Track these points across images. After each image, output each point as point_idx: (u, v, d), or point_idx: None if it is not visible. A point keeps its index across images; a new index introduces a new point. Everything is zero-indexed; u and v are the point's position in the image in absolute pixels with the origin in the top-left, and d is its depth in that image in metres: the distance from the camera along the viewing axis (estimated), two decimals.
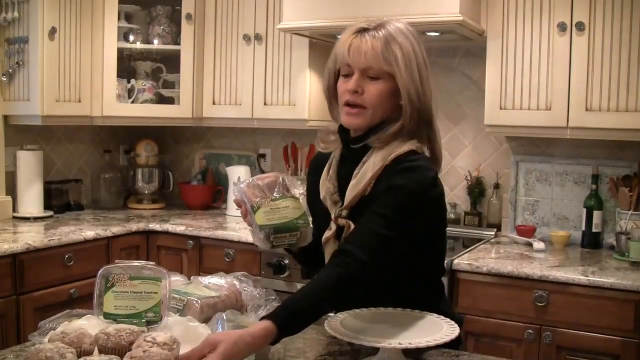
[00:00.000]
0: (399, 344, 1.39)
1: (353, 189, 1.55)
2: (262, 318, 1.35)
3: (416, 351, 1.51)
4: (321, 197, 1.64)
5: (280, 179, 1.61)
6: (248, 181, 1.60)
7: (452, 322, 1.53)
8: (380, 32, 1.53)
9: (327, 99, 1.68)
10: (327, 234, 1.59)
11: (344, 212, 1.57)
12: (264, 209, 1.55)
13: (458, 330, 1.48)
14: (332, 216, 1.59)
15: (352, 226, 1.52)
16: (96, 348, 1.33)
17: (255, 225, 1.55)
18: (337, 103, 1.63)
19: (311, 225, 1.62)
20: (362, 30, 1.55)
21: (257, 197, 1.57)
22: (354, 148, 1.60)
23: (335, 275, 1.43)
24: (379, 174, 1.54)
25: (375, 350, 1.47)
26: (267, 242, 1.56)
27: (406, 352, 1.46)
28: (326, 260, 1.60)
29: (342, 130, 1.64)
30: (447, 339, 1.43)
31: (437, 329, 1.49)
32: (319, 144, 1.72)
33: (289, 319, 1.35)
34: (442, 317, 1.56)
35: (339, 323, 1.51)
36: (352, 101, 1.54)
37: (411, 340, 1.41)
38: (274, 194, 1.58)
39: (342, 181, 1.61)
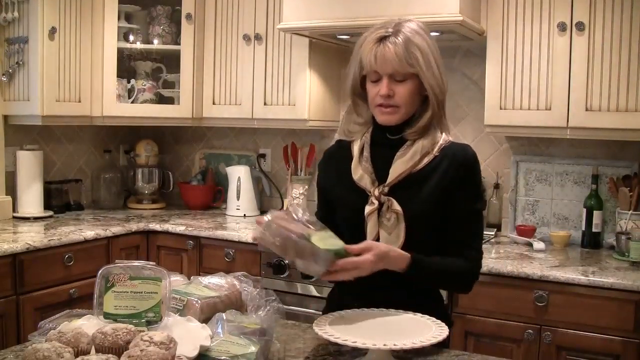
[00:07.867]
0: (384, 345, 1.39)
1: (403, 165, 1.70)
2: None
3: (415, 352, 1.50)
4: (356, 179, 1.74)
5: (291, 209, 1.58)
6: (268, 220, 1.54)
7: (441, 323, 1.54)
8: (399, 38, 1.65)
9: (353, 98, 1.80)
10: (369, 209, 1.69)
11: (386, 189, 1.69)
12: (316, 236, 1.52)
13: (447, 332, 1.48)
14: (375, 192, 1.69)
15: (394, 203, 1.67)
16: (93, 347, 1.33)
17: (317, 251, 1.50)
18: (364, 102, 1.78)
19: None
20: (383, 38, 1.66)
21: (293, 229, 1.52)
22: (388, 136, 1.75)
23: (463, 264, 1.70)
24: (431, 159, 1.71)
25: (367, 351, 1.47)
26: (326, 267, 1.53)
27: (403, 351, 1.46)
28: (367, 231, 1.69)
29: (376, 123, 1.77)
30: (434, 340, 1.43)
31: (426, 330, 1.49)
32: (344, 134, 1.84)
33: (421, 261, 1.63)
34: (432, 318, 1.58)
35: (327, 324, 1.51)
36: (386, 103, 1.68)
37: (397, 341, 1.40)
38: (310, 226, 1.54)
39: (378, 163, 1.73)
